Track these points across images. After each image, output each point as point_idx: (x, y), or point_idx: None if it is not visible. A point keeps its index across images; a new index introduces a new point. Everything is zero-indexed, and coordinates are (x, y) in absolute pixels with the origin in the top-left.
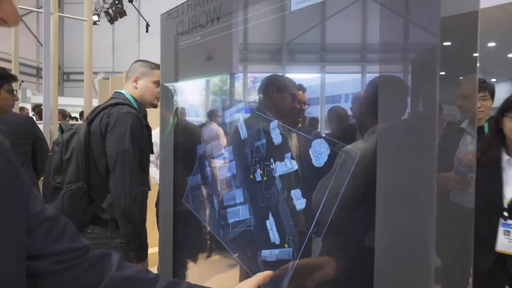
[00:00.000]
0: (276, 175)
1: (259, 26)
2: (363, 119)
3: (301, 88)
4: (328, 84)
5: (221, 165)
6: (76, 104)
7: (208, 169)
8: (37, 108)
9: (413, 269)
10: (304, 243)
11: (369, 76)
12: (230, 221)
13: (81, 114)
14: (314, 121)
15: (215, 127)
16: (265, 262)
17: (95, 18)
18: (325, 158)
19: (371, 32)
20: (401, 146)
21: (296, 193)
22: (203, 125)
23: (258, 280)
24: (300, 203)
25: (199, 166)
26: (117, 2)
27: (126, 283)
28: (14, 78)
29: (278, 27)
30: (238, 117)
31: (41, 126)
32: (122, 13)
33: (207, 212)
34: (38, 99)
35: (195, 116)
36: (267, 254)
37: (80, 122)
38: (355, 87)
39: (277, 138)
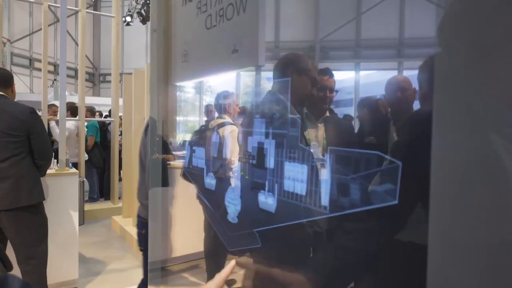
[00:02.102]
0: None
1: None
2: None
3: (328, 73)
4: None
5: None
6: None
7: None
8: (68, 105)
9: None
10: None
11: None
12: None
13: (110, 112)
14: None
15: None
16: None
17: (128, 19)
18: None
19: None
20: None
21: None
22: None
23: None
24: None
25: None
26: (148, 2)
27: None
28: None
29: None
30: None
31: (71, 123)
32: None
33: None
34: (74, 99)
35: None
36: None
37: (111, 119)
38: None
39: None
